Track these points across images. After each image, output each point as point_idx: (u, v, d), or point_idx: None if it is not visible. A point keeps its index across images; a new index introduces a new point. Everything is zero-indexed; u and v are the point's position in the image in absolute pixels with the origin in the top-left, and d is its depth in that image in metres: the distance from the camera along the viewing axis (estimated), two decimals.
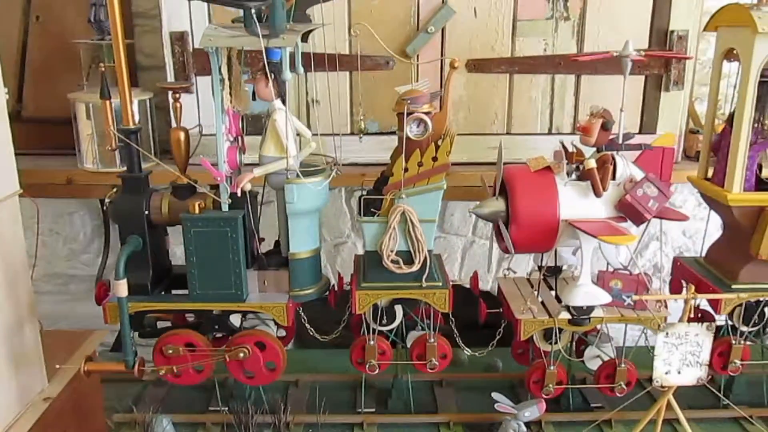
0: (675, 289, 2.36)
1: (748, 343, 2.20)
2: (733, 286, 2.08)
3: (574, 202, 2.00)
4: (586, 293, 2.04)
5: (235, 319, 2.15)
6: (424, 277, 2.04)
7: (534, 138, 2.72)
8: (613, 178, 1.99)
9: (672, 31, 2.58)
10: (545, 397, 2.17)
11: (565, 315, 2.09)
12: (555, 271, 2.28)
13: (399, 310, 2.19)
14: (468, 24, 2.61)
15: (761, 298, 2.11)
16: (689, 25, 2.56)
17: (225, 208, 1.95)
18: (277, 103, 1.96)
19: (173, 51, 2.58)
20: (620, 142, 2.02)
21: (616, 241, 1.91)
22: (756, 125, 2.00)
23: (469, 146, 2.61)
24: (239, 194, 1.94)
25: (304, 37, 1.98)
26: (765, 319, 2.18)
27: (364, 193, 2.08)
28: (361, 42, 2.61)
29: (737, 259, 2.09)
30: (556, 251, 2.21)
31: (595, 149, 2.05)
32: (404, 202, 1.98)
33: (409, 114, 1.95)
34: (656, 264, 3.33)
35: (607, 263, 2.13)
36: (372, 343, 2.14)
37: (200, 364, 2.05)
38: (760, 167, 2.09)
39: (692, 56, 2.58)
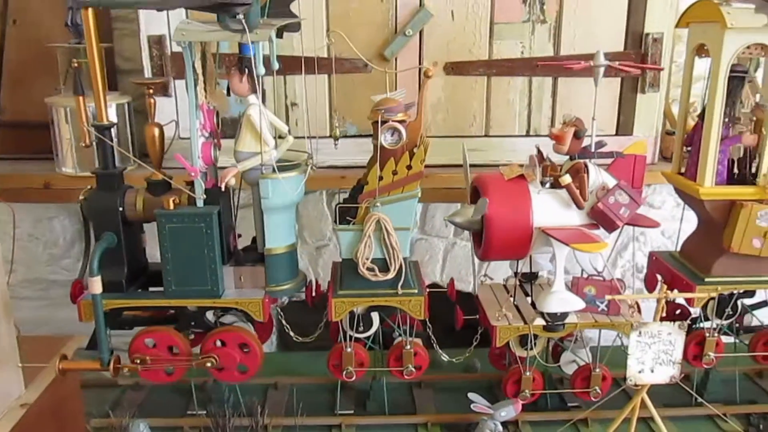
0: (650, 282, 2.38)
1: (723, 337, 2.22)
2: (707, 279, 2.10)
3: (548, 209, 2.02)
4: (560, 300, 2.05)
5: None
6: (400, 284, 2.04)
7: (512, 140, 2.73)
8: None
9: (647, 34, 2.61)
10: (522, 402, 2.18)
11: (539, 321, 2.09)
12: (530, 277, 2.29)
13: (375, 317, 2.18)
14: (445, 27, 2.62)
15: (734, 291, 2.13)
16: (664, 28, 2.58)
17: (200, 203, 1.95)
18: (252, 98, 1.95)
19: (151, 54, 2.58)
20: (593, 150, 2.04)
21: (588, 249, 1.93)
22: (726, 120, 2.02)
23: (448, 148, 2.60)
24: (223, 189, 1.95)
25: (280, 34, 1.98)
26: (738, 312, 2.20)
27: (341, 201, 2.08)
28: (338, 45, 2.62)
29: (710, 253, 2.11)
30: (531, 257, 2.21)
31: (568, 157, 2.07)
32: (379, 210, 1.98)
33: (383, 123, 1.96)
34: (636, 264, 3.33)
35: (582, 269, 2.14)
36: (349, 350, 2.14)
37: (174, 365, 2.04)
38: (732, 161, 2.10)
39: (663, 67, 2.60)
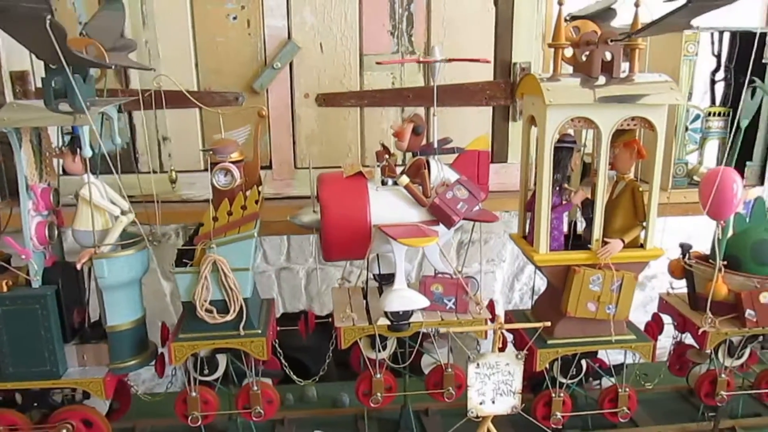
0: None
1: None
2: (549, 341, 2.09)
3: (386, 207, 1.98)
4: (402, 297, 2.01)
5: None
6: (242, 325, 2.00)
7: None
8: None
9: (515, 63, 2.58)
10: (373, 406, 2.16)
11: (383, 321, 2.05)
12: (382, 278, 2.23)
13: (222, 359, 2.15)
14: (315, 59, 2.58)
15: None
16: (531, 58, 2.57)
17: (35, 285, 1.92)
18: (86, 177, 1.92)
19: (14, 91, 2.51)
20: (435, 146, 2.02)
21: (415, 243, 1.88)
22: (557, 188, 2.00)
23: None
24: (78, 269, 1.93)
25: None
26: (582, 372, 2.21)
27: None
28: (209, 78, 2.57)
29: (554, 315, 2.09)
30: (378, 257, 2.17)
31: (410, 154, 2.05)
32: (215, 251, 1.92)
33: (215, 164, 1.93)
34: (533, 287, 3.34)
35: (434, 268, 2.12)
36: (194, 394, 2.09)
37: None
38: (575, 224, 2.09)
39: (489, 60, 2.55)
